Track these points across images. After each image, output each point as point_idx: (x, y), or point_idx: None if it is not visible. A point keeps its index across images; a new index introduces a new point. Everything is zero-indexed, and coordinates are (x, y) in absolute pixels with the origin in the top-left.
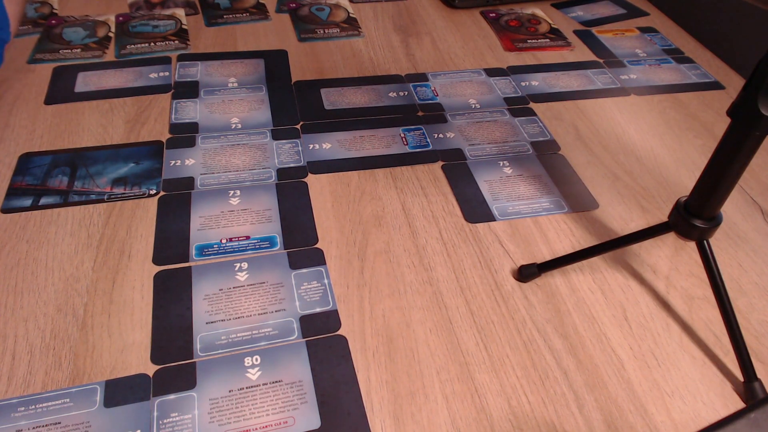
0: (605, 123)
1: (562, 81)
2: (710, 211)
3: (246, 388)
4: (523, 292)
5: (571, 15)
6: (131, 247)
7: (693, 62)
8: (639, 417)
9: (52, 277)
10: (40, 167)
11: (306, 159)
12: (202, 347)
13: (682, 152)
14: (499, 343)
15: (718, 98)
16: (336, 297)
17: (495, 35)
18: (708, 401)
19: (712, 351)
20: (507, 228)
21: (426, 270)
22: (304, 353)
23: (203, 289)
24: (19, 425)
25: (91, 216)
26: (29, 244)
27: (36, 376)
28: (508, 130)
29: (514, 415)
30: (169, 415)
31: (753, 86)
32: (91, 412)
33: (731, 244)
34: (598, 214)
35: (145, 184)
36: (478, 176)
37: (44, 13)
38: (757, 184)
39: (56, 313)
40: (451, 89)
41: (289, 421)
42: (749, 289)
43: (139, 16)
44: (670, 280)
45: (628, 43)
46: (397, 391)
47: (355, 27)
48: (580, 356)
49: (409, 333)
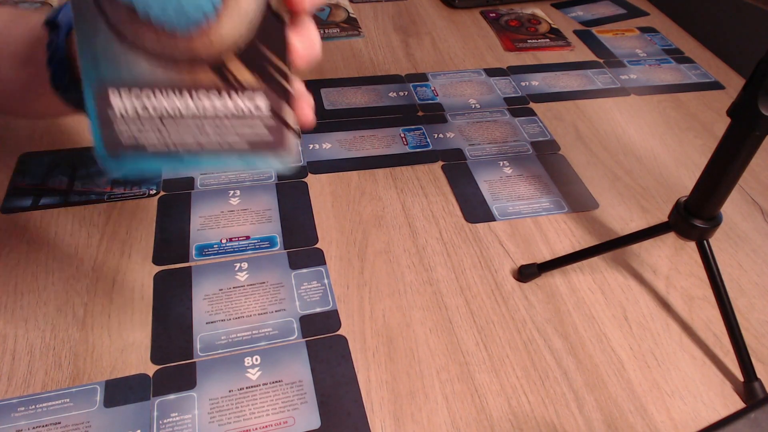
0: (605, 123)
1: (562, 81)
2: (710, 211)
3: (246, 388)
4: (523, 292)
5: (571, 15)
6: (131, 247)
7: (693, 62)
8: (639, 417)
9: (52, 277)
10: (40, 167)
11: (306, 159)
12: (202, 347)
13: (682, 152)
14: (499, 343)
15: (718, 98)
16: (336, 297)
17: (495, 35)
18: (708, 401)
19: (712, 351)
20: (507, 228)
21: (426, 270)
22: (304, 353)
23: (203, 289)
24: (19, 425)
25: (91, 216)
26: (29, 244)
27: (36, 376)
28: (508, 130)
29: (514, 415)
30: (169, 415)
31: (753, 86)
32: (91, 412)
33: (731, 244)
34: (598, 214)
35: (145, 184)
36: (478, 176)
37: None
38: (758, 184)
39: (56, 313)
40: (451, 89)
41: (289, 421)
42: (749, 289)
43: None
44: (670, 280)
45: (628, 43)
46: (397, 391)
47: (355, 27)
48: (580, 356)
49: (409, 333)
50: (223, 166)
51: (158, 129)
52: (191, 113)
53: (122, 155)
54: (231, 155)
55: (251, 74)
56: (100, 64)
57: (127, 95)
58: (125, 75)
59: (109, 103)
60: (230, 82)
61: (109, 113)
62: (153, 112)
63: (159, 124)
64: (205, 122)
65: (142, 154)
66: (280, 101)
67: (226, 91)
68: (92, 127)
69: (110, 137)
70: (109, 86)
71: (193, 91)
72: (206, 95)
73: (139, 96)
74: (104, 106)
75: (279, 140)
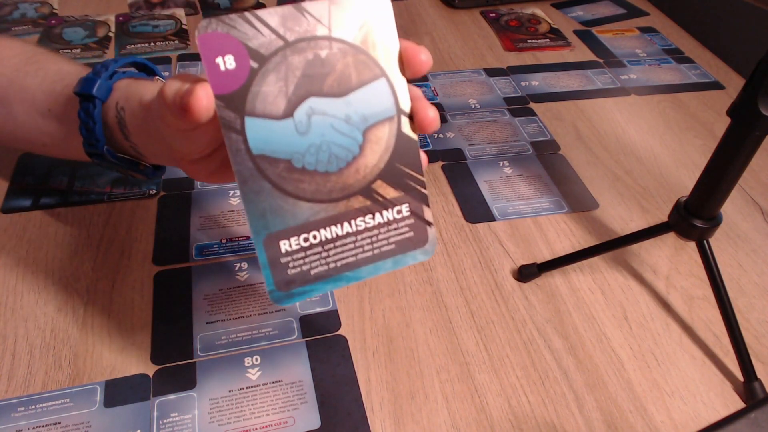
0: (605, 123)
1: (562, 81)
2: (710, 211)
3: (246, 388)
4: (523, 292)
5: (571, 15)
6: (131, 247)
7: (693, 62)
8: (639, 417)
9: (52, 277)
10: (40, 167)
11: None
12: (202, 347)
13: (682, 152)
14: (499, 343)
15: (719, 98)
16: (336, 297)
17: (495, 35)
18: (708, 401)
19: (712, 351)
20: (507, 228)
21: (426, 270)
22: (304, 353)
23: (203, 289)
24: (19, 425)
25: (91, 216)
26: (29, 244)
27: (36, 376)
28: (508, 130)
29: (514, 415)
30: (169, 415)
31: (753, 86)
32: (91, 412)
33: (731, 244)
34: (598, 214)
35: (145, 184)
36: (478, 176)
37: (44, 13)
38: (758, 183)
39: (56, 313)
40: (451, 89)
41: (289, 421)
42: (749, 289)
43: (139, 16)
44: (670, 280)
45: (628, 43)
46: (397, 391)
47: None
48: (580, 356)
49: (409, 333)
50: (378, 272)
51: (321, 256)
52: (347, 233)
53: (293, 290)
54: (385, 261)
55: (395, 190)
56: (268, 219)
57: (294, 239)
58: (291, 222)
59: (279, 250)
60: (379, 201)
61: (279, 258)
62: (315, 241)
63: (321, 251)
64: (359, 237)
65: (309, 283)
66: (420, 205)
67: (377, 210)
68: (264, 272)
69: (281, 277)
70: (277, 237)
71: (348, 217)
72: (360, 216)
73: (305, 237)
74: (274, 254)
75: (422, 237)
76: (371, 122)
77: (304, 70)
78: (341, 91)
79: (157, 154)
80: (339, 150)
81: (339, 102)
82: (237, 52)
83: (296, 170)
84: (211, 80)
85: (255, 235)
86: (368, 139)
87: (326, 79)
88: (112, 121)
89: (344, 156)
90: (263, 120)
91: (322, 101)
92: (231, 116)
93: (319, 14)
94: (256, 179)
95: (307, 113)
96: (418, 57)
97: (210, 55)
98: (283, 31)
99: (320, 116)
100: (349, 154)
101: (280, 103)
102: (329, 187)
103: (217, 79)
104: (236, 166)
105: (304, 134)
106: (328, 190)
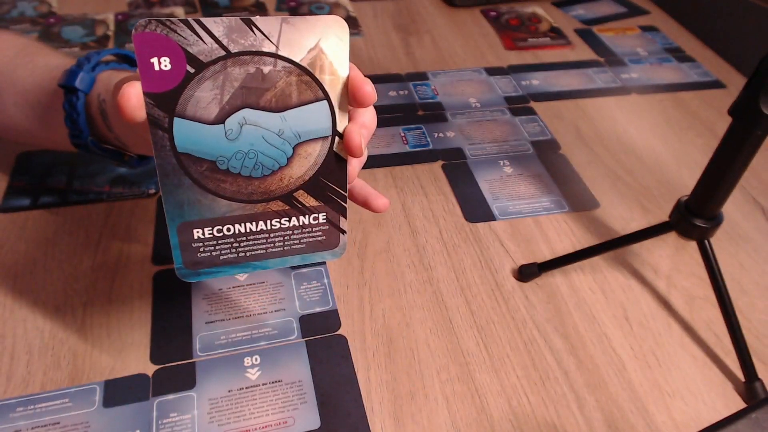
0: (606, 122)
1: (563, 80)
2: (711, 210)
3: (245, 388)
4: (523, 291)
5: (571, 13)
6: (130, 247)
7: (694, 61)
8: (640, 417)
9: (51, 276)
10: (38, 166)
11: None
12: (202, 347)
13: (683, 151)
14: (499, 343)
15: (720, 97)
16: (336, 297)
17: (495, 34)
18: (709, 401)
19: (713, 351)
20: (507, 227)
21: (426, 270)
22: (303, 353)
23: (202, 288)
24: (18, 425)
25: (90, 215)
26: (28, 243)
27: (35, 376)
28: (508, 129)
29: (515, 416)
30: (168, 415)
31: (754, 85)
32: (90, 412)
33: (732, 244)
34: (598, 213)
35: (145, 183)
36: (478, 175)
37: (43, 11)
38: (759, 183)
39: (55, 313)
40: (452, 88)
41: (289, 421)
42: (750, 288)
43: (138, 15)
44: (670, 279)
45: (629, 41)
46: (398, 392)
47: (354, 26)
48: (581, 356)
49: (409, 333)
50: (285, 265)
51: (232, 246)
52: (261, 230)
53: (200, 270)
54: (293, 257)
55: (315, 200)
56: (185, 209)
57: (208, 229)
58: (207, 215)
59: (191, 237)
60: (297, 207)
61: (191, 243)
62: (228, 233)
63: (233, 242)
64: (272, 235)
65: (217, 266)
66: (337, 215)
67: (294, 215)
68: (174, 252)
69: (189, 258)
70: (191, 225)
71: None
72: (276, 218)
73: (219, 228)
74: (186, 239)
75: (334, 242)
76: (304, 139)
77: (243, 82)
78: (278, 107)
79: (139, 144)
80: (266, 159)
81: (274, 116)
82: (174, 55)
83: (219, 171)
84: (143, 78)
85: (170, 221)
86: (298, 153)
87: (265, 93)
88: (95, 113)
89: (270, 165)
90: (192, 123)
91: (256, 113)
92: (160, 114)
93: (269, 31)
94: (178, 174)
95: (239, 122)
96: (363, 88)
97: (144, 53)
98: (227, 41)
99: (252, 127)
100: (275, 165)
101: (212, 109)
102: (250, 190)
103: (150, 77)
104: (158, 160)
105: (233, 141)
106: (249, 192)
